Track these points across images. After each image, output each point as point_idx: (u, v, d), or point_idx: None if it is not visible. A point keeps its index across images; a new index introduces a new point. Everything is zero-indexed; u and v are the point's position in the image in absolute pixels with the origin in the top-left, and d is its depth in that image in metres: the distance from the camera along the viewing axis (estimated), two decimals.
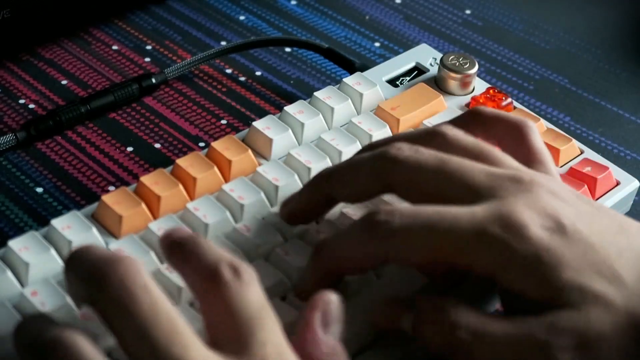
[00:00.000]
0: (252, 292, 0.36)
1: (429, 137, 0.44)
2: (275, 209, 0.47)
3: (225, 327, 0.35)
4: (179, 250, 0.37)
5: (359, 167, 0.43)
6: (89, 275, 0.35)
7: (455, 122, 0.47)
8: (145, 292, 0.34)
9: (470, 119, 0.46)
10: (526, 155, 0.45)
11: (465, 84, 0.57)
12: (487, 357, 0.40)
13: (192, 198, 0.48)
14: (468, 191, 0.41)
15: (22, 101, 0.60)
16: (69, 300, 0.42)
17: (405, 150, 0.42)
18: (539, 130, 0.47)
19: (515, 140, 0.45)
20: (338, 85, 0.56)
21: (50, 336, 0.34)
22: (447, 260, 0.40)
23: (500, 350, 0.39)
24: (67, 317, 0.40)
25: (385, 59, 0.64)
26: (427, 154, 0.42)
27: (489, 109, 0.47)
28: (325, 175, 0.44)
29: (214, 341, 0.35)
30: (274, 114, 0.53)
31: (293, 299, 0.43)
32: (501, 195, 0.41)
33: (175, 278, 0.43)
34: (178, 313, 0.35)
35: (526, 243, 0.39)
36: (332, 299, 0.38)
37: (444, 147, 0.43)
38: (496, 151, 0.44)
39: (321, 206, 0.45)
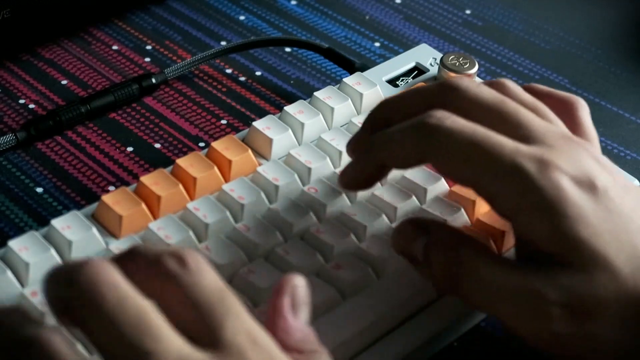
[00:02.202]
0: (204, 278, 0.35)
1: (490, 85, 0.45)
2: (275, 206, 0.47)
3: (191, 321, 0.35)
4: (123, 261, 0.36)
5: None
6: (56, 281, 0.34)
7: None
8: (113, 289, 0.33)
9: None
10: (575, 130, 0.45)
11: None
12: (485, 302, 0.41)
13: (192, 198, 0.48)
14: (521, 132, 0.42)
15: (22, 101, 0.60)
16: None
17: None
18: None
19: (567, 115, 0.46)
20: (338, 85, 0.56)
21: (27, 334, 0.33)
22: (476, 181, 0.41)
23: (497, 293, 0.40)
24: None
25: (385, 59, 0.64)
26: (487, 93, 0.43)
27: (541, 86, 0.47)
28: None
29: (187, 334, 0.35)
30: (274, 114, 0.53)
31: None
32: (549, 145, 0.41)
33: None
34: (152, 308, 0.34)
35: (555, 190, 0.39)
36: (298, 283, 0.38)
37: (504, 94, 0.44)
38: (551, 112, 0.44)
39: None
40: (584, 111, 0.46)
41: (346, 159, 0.50)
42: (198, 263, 0.35)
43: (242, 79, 0.63)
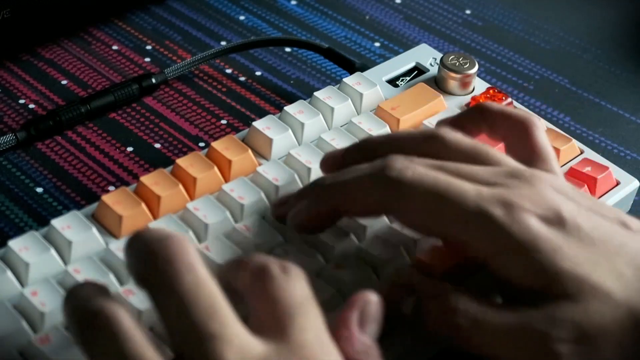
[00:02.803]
0: (297, 284, 0.36)
1: (429, 140, 0.44)
2: None
3: (267, 314, 0.36)
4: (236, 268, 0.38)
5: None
6: (139, 253, 0.36)
7: (461, 117, 0.47)
8: (190, 271, 0.35)
9: (475, 115, 0.47)
10: (530, 152, 0.45)
11: (465, 84, 0.57)
12: (486, 345, 0.40)
13: (192, 198, 0.48)
14: (477, 178, 0.42)
15: (22, 101, 0.60)
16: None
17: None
18: None
19: (520, 138, 0.46)
20: (338, 85, 0.56)
21: (94, 305, 0.34)
22: (445, 232, 0.41)
23: (499, 339, 0.40)
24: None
25: (385, 59, 0.64)
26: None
27: (495, 104, 0.47)
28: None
29: (256, 327, 0.36)
30: (274, 114, 0.53)
31: None
32: (506, 185, 0.41)
33: None
34: (221, 294, 0.35)
35: (524, 230, 0.39)
36: (371, 299, 0.38)
37: (444, 152, 0.44)
38: (495, 151, 0.44)
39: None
40: (537, 131, 0.46)
41: None
42: (298, 273, 0.37)
43: (242, 79, 0.63)
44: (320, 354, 0.35)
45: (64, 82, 0.62)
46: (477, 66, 0.57)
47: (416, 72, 0.59)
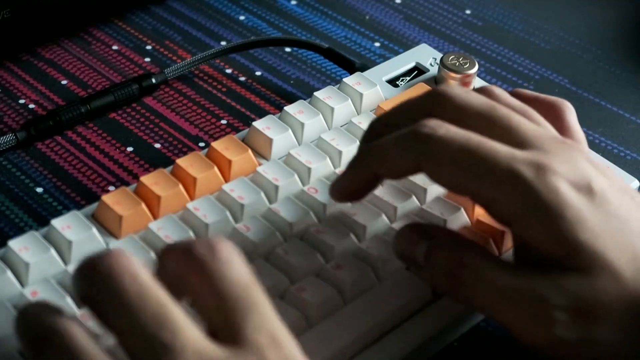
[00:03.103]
0: (233, 269, 0.35)
1: (479, 91, 0.45)
2: (275, 206, 0.47)
3: (215, 312, 0.35)
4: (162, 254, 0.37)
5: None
6: (81, 272, 0.35)
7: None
8: (134, 280, 0.34)
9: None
10: (563, 133, 0.45)
11: (465, 84, 0.57)
12: (486, 303, 0.41)
13: (192, 198, 0.48)
14: (514, 137, 0.42)
15: (22, 101, 0.60)
16: (69, 300, 0.42)
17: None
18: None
19: (554, 119, 0.46)
20: (338, 85, 0.56)
21: (48, 323, 0.34)
22: (472, 189, 0.41)
23: (499, 298, 0.40)
24: None
25: (385, 59, 0.64)
26: (477, 99, 0.43)
27: (527, 91, 0.47)
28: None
29: (209, 326, 0.35)
30: (274, 114, 0.53)
31: (292, 297, 0.43)
32: (544, 149, 0.41)
33: None
34: (170, 301, 0.34)
35: (553, 194, 0.39)
36: None
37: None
38: (540, 116, 0.44)
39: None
40: (571, 114, 0.46)
41: (346, 160, 0.50)
42: (228, 253, 0.36)
43: (242, 79, 0.63)
44: (278, 353, 0.34)
45: (64, 82, 0.62)
46: (477, 66, 0.57)
47: (416, 72, 0.59)
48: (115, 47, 0.65)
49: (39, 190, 0.54)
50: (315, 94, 0.55)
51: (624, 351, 0.39)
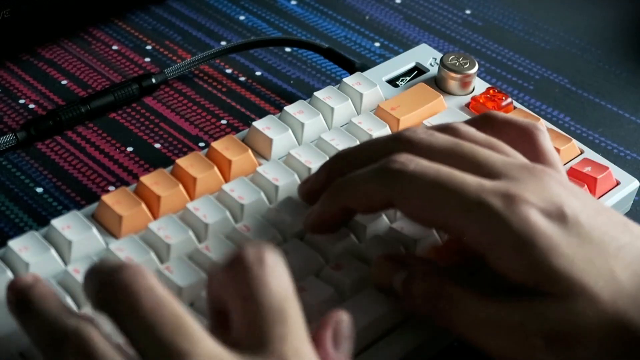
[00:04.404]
0: (275, 280, 0.36)
1: (445, 132, 0.45)
2: (275, 206, 0.47)
3: (244, 318, 0.35)
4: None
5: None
6: (98, 284, 0.35)
7: (467, 124, 0.47)
8: (150, 292, 0.34)
9: (481, 122, 0.47)
10: (536, 157, 0.45)
11: (465, 84, 0.57)
12: (466, 330, 0.41)
13: (192, 198, 0.48)
14: (482, 170, 0.42)
15: (22, 101, 0.60)
16: (69, 300, 0.42)
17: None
18: None
19: (526, 143, 0.46)
20: (338, 85, 0.56)
21: (65, 325, 0.35)
22: (444, 222, 0.41)
23: (479, 326, 0.40)
24: None
25: (385, 59, 0.64)
26: (441, 139, 0.43)
27: (501, 113, 0.47)
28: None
29: (234, 332, 0.35)
30: (274, 114, 0.53)
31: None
32: (514, 178, 0.41)
33: (175, 277, 0.43)
34: (186, 311, 0.35)
35: (523, 223, 0.39)
36: (342, 318, 0.38)
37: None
38: (507, 146, 0.44)
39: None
40: (543, 137, 0.46)
41: None
42: (275, 263, 0.36)
43: (242, 79, 0.63)
44: None
45: (64, 82, 0.62)
46: (477, 66, 0.57)
47: (416, 72, 0.59)
48: (115, 47, 0.65)
49: (39, 190, 0.54)
50: (315, 94, 0.55)
51: None
